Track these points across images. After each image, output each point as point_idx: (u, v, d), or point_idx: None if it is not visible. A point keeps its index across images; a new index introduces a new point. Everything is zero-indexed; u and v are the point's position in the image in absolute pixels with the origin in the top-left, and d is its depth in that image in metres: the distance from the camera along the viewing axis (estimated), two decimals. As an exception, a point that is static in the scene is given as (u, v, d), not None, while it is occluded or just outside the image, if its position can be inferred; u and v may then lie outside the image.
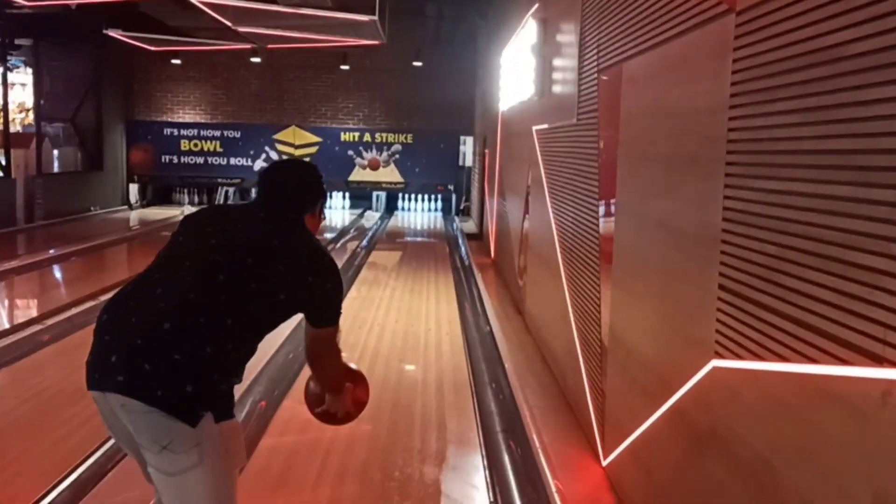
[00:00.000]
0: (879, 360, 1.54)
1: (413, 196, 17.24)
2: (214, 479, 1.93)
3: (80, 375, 2.03)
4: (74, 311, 6.71)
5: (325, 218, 2.42)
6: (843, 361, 1.67)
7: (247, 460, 2.02)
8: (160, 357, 1.88)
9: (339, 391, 2.49)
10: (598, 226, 4.07)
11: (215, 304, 1.97)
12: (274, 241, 2.14)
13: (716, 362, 2.37)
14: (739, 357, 2.20)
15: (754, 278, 2.11)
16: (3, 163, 12.86)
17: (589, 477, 3.78)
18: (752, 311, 2.12)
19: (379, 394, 4.89)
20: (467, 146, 16.53)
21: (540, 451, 3.86)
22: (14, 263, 9.25)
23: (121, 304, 2.02)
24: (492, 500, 3.47)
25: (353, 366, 2.58)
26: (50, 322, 6.41)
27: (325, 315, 2.25)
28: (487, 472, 3.77)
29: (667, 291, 2.95)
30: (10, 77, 13.63)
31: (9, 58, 13.08)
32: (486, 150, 12.18)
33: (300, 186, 2.32)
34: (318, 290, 2.18)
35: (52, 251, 10.30)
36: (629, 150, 3.53)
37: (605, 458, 3.77)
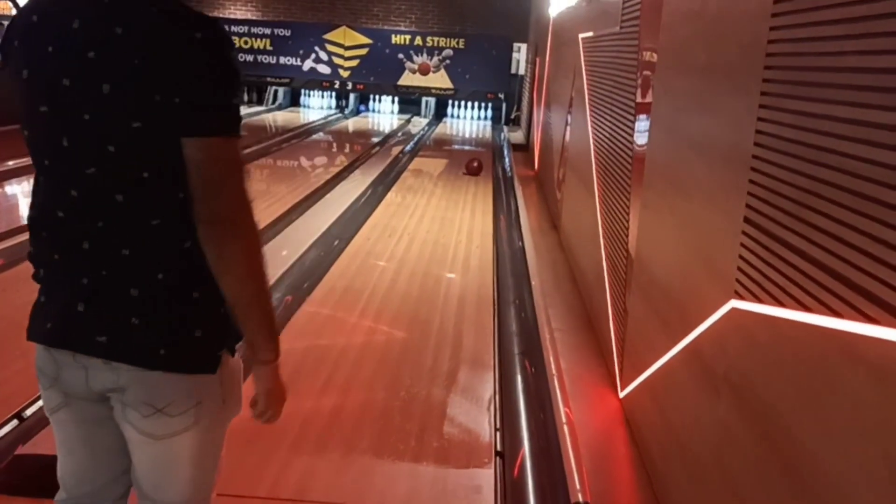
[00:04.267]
0: (910, 323, 1.30)
1: (462, 103, 16.81)
2: (204, 443, 1.61)
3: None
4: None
5: None
6: (871, 319, 1.43)
7: (240, 410, 1.67)
8: (154, 307, 1.48)
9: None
10: (632, 142, 3.79)
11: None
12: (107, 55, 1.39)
13: (735, 303, 2.14)
14: (759, 300, 1.97)
15: (781, 213, 1.86)
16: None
17: (604, 408, 3.62)
18: (776, 249, 1.88)
19: (398, 307, 4.79)
20: (521, 54, 15.97)
21: (555, 377, 3.70)
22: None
23: (56, 229, 1.50)
24: (497, 427, 3.33)
25: None
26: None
27: (200, 113, 1.40)
28: (498, 396, 3.63)
29: (693, 218, 2.70)
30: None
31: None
32: (537, 59, 11.71)
33: None
34: (186, 72, 1.38)
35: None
36: (668, 59, 3.22)
37: (622, 389, 3.60)
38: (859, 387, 1.48)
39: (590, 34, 5.70)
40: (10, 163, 8.19)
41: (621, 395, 3.58)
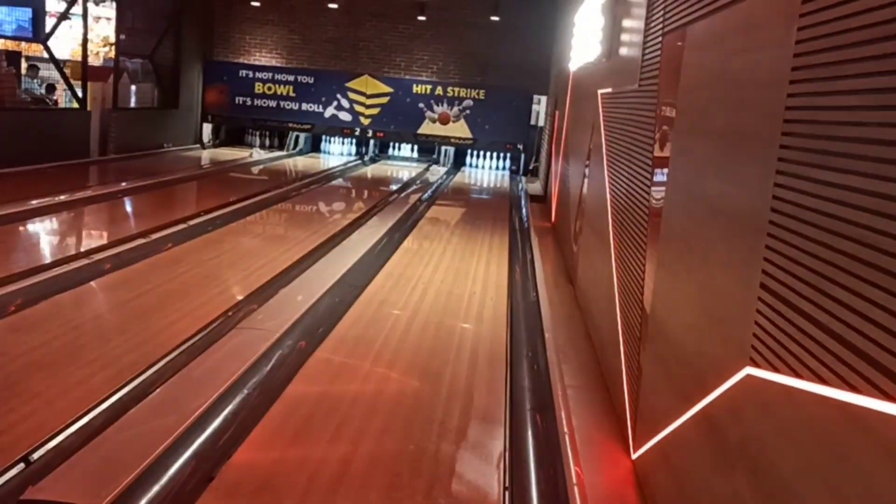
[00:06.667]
0: (930, 403, 1.27)
1: (481, 153, 16.92)
2: None
3: (116, 314, 1.87)
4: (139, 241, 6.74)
5: None
6: (888, 396, 1.40)
7: None
8: None
9: None
10: (648, 200, 3.78)
11: None
12: None
13: (750, 370, 2.10)
14: (775, 368, 1.93)
15: (798, 282, 1.83)
16: (80, 95, 13.04)
17: (616, 469, 3.55)
18: (792, 318, 1.85)
19: (410, 357, 4.75)
20: (541, 105, 16.10)
21: (567, 435, 3.65)
22: (82, 194, 9.37)
23: None
24: (506, 486, 3.28)
25: None
26: (97, 256, 6.44)
27: None
28: (508, 454, 3.57)
29: (708, 279, 2.67)
30: (97, 11, 13.78)
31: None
32: (557, 111, 11.79)
33: None
34: None
35: (123, 184, 10.43)
36: (686, 121, 3.22)
37: (635, 451, 3.53)
38: (875, 465, 1.44)
39: (609, 90, 5.73)
40: (34, 202, 8.30)
41: (634, 456, 3.52)
